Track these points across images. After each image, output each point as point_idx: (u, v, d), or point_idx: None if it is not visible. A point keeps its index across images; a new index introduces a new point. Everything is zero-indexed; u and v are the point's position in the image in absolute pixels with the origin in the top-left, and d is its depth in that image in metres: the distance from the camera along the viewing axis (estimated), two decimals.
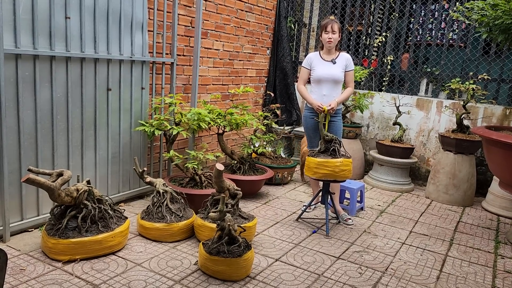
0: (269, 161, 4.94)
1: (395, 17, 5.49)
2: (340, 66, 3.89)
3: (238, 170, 4.39)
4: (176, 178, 4.01)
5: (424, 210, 4.47)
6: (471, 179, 4.74)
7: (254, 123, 4.37)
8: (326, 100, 3.85)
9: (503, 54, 4.94)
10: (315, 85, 3.94)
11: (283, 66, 5.94)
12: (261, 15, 5.55)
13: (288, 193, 4.67)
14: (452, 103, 5.13)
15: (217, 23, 4.81)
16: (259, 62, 5.74)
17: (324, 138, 3.59)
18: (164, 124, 3.68)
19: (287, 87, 6.04)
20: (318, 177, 3.53)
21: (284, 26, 5.86)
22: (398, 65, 5.64)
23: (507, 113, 4.86)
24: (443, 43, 5.29)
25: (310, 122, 3.98)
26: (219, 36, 4.88)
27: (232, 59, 5.18)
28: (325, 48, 3.92)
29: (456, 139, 4.64)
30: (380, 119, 5.64)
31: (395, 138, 5.19)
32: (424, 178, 5.45)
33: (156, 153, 4.28)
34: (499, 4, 3.28)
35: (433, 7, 5.42)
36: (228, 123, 4.17)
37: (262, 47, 5.74)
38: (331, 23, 3.80)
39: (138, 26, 3.75)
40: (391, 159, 5.05)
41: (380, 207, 4.43)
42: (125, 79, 3.72)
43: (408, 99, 5.36)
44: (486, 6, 3.57)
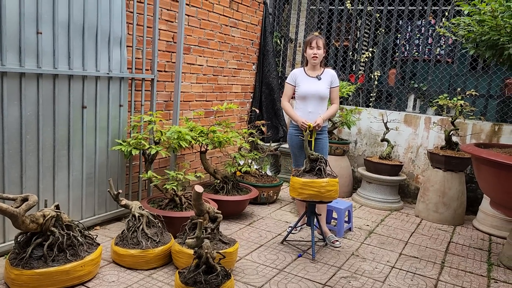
0: (254, 180, 4.79)
1: (381, 33, 5.43)
2: (325, 82, 3.78)
3: (221, 189, 4.22)
4: (155, 199, 3.82)
5: (414, 230, 4.33)
6: (461, 197, 4.63)
7: (238, 140, 4.22)
8: (311, 117, 3.73)
9: (490, 70, 4.89)
10: (300, 102, 3.82)
11: (269, 82, 5.83)
12: (246, 30, 5.45)
13: (273, 213, 4.50)
14: (440, 119, 5.04)
15: (201, 38, 4.69)
16: (245, 77, 5.63)
17: (309, 157, 3.45)
18: (142, 143, 3.51)
19: (273, 102, 5.92)
20: (303, 198, 3.37)
21: (270, 41, 5.77)
22: (385, 80, 5.56)
23: (496, 130, 4.78)
24: (430, 59, 5.23)
25: (295, 140, 3.84)
26: (203, 51, 4.75)
27: (217, 75, 5.06)
28: (310, 64, 3.81)
29: (445, 156, 4.54)
30: (368, 135, 5.54)
31: (384, 155, 5.08)
32: (413, 196, 5.33)
33: (136, 173, 4.10)
34: (486, 20, 3.21)
35: (420, 22, 5.38)
36: (210, 141, 4.02)
37: (248, 62, 5.63)
38: (315, 38, 3.70)
39: (116, 41, 3.60)
40: (379, 177, 4.92)
41: (369, 227, 4.29)
42: (101, 96, 3.56)
43: (396, 115, 5.27)
44: (472, 22, 3.50)
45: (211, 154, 5.15)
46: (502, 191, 3.36)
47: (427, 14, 5.16)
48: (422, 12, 5.23)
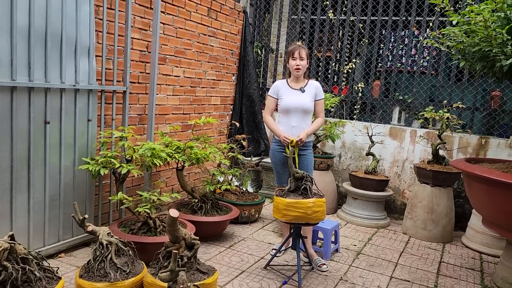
0: (235, 198, 4.52)
1: (364, 43, 5.28)
2: (310, 95, 3.57)
3: (199, 209, 3.94)
4: (128, 221, 3.51)
5: (403, 249, 4.13)
6: (450, 213, 4.47)
7: (217, 156, 3.96)
8: (295, 132, 3.51)
9: (475, 82, 4.78)
10: (283, 116, 3.60)
11: (249, 93, 5.60)
12: (225, 39, 5.22)
13: (255, 233, 4.24)
14: (426, 133, 4.90)
15: (177, 48, 4.43)
16: (224, 89, 5.38)
17: (294, 175, 3.21)
18: (112, 161, 3.21)
19: (254, 115, 5.69)
20: (288, 220, 3.12)
21: (250, 51, 5.55)
22: (369, 92, 5.40)
23: (483, 143, 4.65)
24: (414, 70, 5.11)
25: (278, 156, 3.61)
26: (179, 61, 4.49)
27: (194, 86, 4.79)
28: (292, 75, 3.60)
29: (433, 171, 4.37)
30: (352, 148, 5.35)
31: (369, 169, 4.89)
32: (399, 211, 5.15)
33: (106, 192, 3.78)
34: (477, 30, 3.06)
35: (403, 33, 5.25)
36: (187, 158, 3.74)
37: (227, 73, 5.39)
38: (298, 49, 3.49)
39: (84, 50, 3.31)
40: (365, 193, 4.72)
41: (356, 247, 4.06)
42: (67, 110, 3.25)
43: (381, 128, 5.10)
44: (460, 33, 3.35)
45: (189, 170, 4.87)
46: (496, 210, 3.18)
47: (411, 24, 5.04)
48: (406, 22, 5.11)
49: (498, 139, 4.60)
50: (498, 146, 4.58)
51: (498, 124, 4.74)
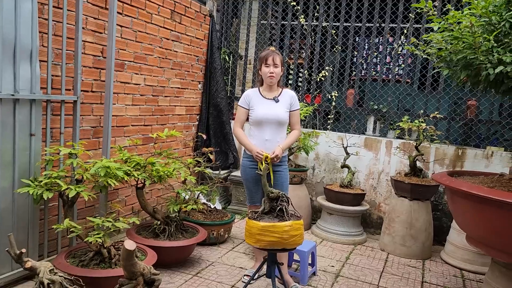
0: (202, 217, 4.13)
1: (338, 51, 5.05)
2: (284, 105, 3.26)
3: (162, 232, 3.53)
4: (79, 250, 3.06)
5: (382, 268, 3.88)
6: (429, 228, 4.26)
7: (182, 173, 3.57)
8: (269, 146, 3.18)
9: (451, 91, 4.63)
10: (255, 128, 3.27)
11: (217, 102, 5.25)
12: (190, 45, 4.86)
13: (225, 256, 3.87)
14: (402, 143, 4.70)
15: (137, 53, 4.03)
16: (189, 98, 5.00)
17: (268, 195, 2.88)
18: (57, 183, 2.77)
19: (222, 125, 5.33)
20: (263, 246, 2.78)
21: (217, 58, 5.21)
22: (343, 101, 5.17)
23: (460, 154, 4.50)
24: (389, 79, 4.92)
25: (250, 173, 3.27)
26: (140, 68, 4.09)
27: (157, 95, 4.39)
28: (265, 83, 3.29)
29: (411, 184, 4.16)
30: (326, 160, 5.09)
31: (345, 182, 4.63)
32: (375, 226, 4.92)
33: (54, 216, 3.32)
34: (462, 37, 2.84)
35: (377, 40, 5.06)
36: (148, 176, 3.34)
37: (193, 81, 5.02)
38: (272, 54, 3.19)
39: (25, 54, 2.86)
40: (341, 208, 4.45)
41: (334, 268, 3.77)
42: (4, 124, 2.79)
43: (355, 138, 4.86)
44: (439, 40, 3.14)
45: (152, 186, 4.45)
46: (483, 228, 2.96)
47: (385, 31, 4.85)
48: (380, 29, 4.92)
49: (475, 149, 4.45)
50: (475, 157, 4.43)
51: (475, 134, 4.60)
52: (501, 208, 2.75)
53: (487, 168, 4.37)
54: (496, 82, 2.98)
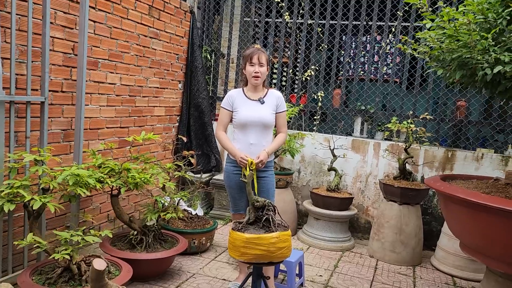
0: (182, 225, 3.90)
1: (324, 49, 4.87)
2: (270, 107, 3.06)
3: (139, 243, 3.28)
4: (46, 266, 2.79)
5: (372, 276, 3.71)
6: (419, 234, 4.12)
7: (160, 178, 3.34)
8: (254, 150, 2.98)
9: (441, 91, 4.50)
10: (239, 131, 3.06)
11: (198, 103, 5.01)
12: (170, 42, 4.60)
13: (207, 266, 3.64)
14: (390, 145, 4.55)
15: (112, 50, 3.76)
16: (169, 98, 4.75)
17: (253, 204, 2.67)
18: (20, 193, 2.50)
19: (203, 127, 5.10)
20: (248, 259, 2.56)
21: (198, 56, 4.97)
22: (329, 102, 5.00)
23: (449, 156, 4.37)
24: (377, 78, 4.76)
25: (233, 180, 3.06)
26: (115, 66, 3.83)
27: (134, 95, 4.13)
28: (250, 84, 3.08)
29: (401, 188, 4.01)
30: (312, 163, 4.91)
31: (332, 186, 4.46)
32: (363, 230, 4.76)
33: (20, 227, 3.04)
34: (458, 35, 2.69)
35: (364, 38, 4.90)
36: (123, 183, 3.10)
37: (173, 80, 4.77)
38: (257, 53, 2.98)
39: None
40: (329, 213, 4.28)
41: (323, 278, 3.59)
42: None
43: (343, 140, 4.69)
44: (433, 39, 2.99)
45: (129, 191, 4.18)
46: (482, 237, 2.82)
47: (373, 29, 4.69)
48: (367, 27, 4.76)
49: (465, 151, 4.33)
50: (465, 160, 4.31)
51: (465, 136, 4.48)
52: (499, 216, 2.61)
53: (478, 171, 4.25)
54: (492, 82, 2.85)
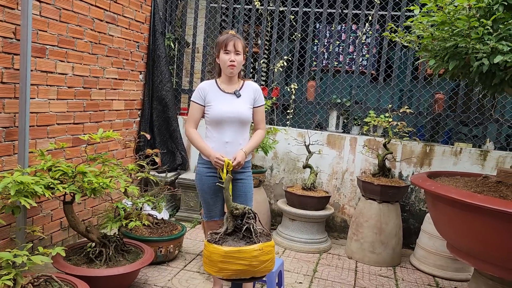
0: (147, 231, 3.51)
1: (297, 38, 4.58)
2: (247, 100, 2.73)
3: (98, 257, 2.87)
4: None
5: (354, 281, 3.49)
6: (399, 233, 3.95)
7: (122, 182, 2.93)
8: (230, 150, 2.65)
9: (419, 84, 4.33)
10: (213, 129, 2.71)
11: (161, 96, 4.59)
12: (129, 28, 4.16)
13: (176, 277, 3.28)
14: (368, 140, 4.34)
15: (62, 36, 3.29)
16: (129, 90, 4.31)
17: (232, 212, 2.34)
18: None
19: (167, 122, 4.69)
20: (227, 276, 2.24)
21: (161, 45, 4.54)
22: (303, 94, 4.72)
23: (427, 151, 4.22)
24: (353, 70, 4.53)
25: (207, 183, 2.72)
26: (66, 54, 3.36)
27: (89, 87, 3.68)
28: (224, 74, 2.73)
29: (381, 186, 3.81)
30: (286, 159, 4.62)
31: (308, 184, 4.20)
32: (339, 229, 4.55)
33: None
34: (455, 22, 2.46)
35: (340, 27, 4.65)
36: (78, 188, 2.67)
37: (133, 70, 4.33)
38: (233, 39, 2.64)
39: None
40: (306, 213, 4.02)
41: (303, 285, 3.32)
42: None
43: (318, 135, 4.44)
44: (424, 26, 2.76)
45: (86, 196, 3.73)
46: (474, 240, 2.63)
47: (348, 18, 4.44)
48: (342, 15, 4.50)
49: (443, 146, 4.19)
50: (443, 154, 4.17)
51: (443, 130, 4.35)
52: (496, 218, 2.42)
53: (456, 166, 4.13)
54: (486, 74, 2.65)
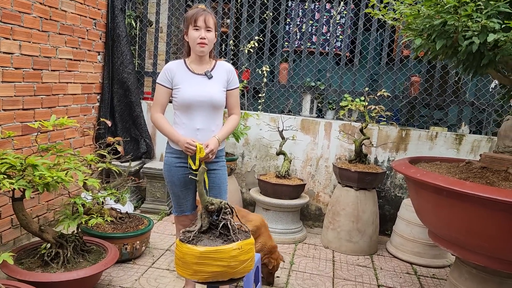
0: (110, 227, 3.21)
1: (268, 17, 4.32)
2: (220, 82, 2.47)
3: (54, 259, 2.56)
4: None
5: (332, 272, 3.35)
6: (376, 220, 3.84)
7: (80, 174, 2.61)
8: (201, 138, 2.40)
9: (395, 66, 4.19)
10: (182, 114, 2.43)
11: (123, 78, 4.23)
12: (84, 3, 3.76)
13: (143, 276, 3.01)
14: (343, 125, 4.19)
15: (6, 9, 2.88)
16: (86, 72, 3.93)
17: (206, 207, 2.09)
18: None
19: (130, 107, 4.34)
20: (203, 279, 2.00)
21: (121, 22, 4.16)
22: (276, 77, 4.48)
23: (403, 135, 4.11)
24: (327, 52, 4.33)
25: (176, 174, 2.45)
26: (12, 31, 2.96)
27: (40, 69, 3.29)
28: (193, 54, 2.45)
29: (359, 173, 3.67)
30: (257, 146, 4.40)
31: (282, 172, 4.00)
32: (314, 218, 4.40)
33: None
34: None
35: (313, 6, 4.42)
36: (28, 183, 2.34)
37: (90, 50, 3.94)
38: (203, 14, 2.36)
39: None
40: (280, 202, 3.83)
41: (280, 279, 3.14)
42: None
43: (291, 121, 4.23)
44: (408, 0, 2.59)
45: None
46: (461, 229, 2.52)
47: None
48: None
49: (419, 130, 4.10)
50: (419, 139, 4.08)
51: (419, 114, 4.24)
52: (484, 206, 2.31)
53: (432, 150, 4.05)
54: (474, 54, 2.51)
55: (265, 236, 3.03)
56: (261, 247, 2.97)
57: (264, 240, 3.00)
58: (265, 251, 2.96)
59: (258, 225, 3.00)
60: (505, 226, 2.26)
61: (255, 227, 2.97)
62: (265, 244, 2.98)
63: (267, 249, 2.97)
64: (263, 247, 2.97)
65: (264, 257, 2.96)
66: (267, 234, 3.06)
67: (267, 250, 2.97)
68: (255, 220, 3.04)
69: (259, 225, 3.02)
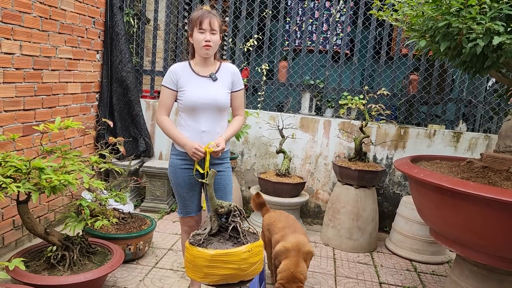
0: (114, 228, 3.21)
1: (268, 15, 4.31)
2: (225, 84, 2.47)
3: (60, 261, 2.56)
4: None
5: (334, 270, 3.39)
6: (376, 218, 3.88)
7: (85, 177, 2.61)
8: (206, 140, 2.40)
9: (393, 64, 4.22)
10: (187, 116, 2.44)
11: (122, 77, 4.21)
12: (83, 2, 3.72)
13: (148, 277, 3.03)
14: (342, 123, 4.21)
15: (6, 9, 2.85)
16: (86, 71, 3.90)
17: (216, 210, 2.11)
18: None
19: (129, 106, 4.33)
20: (214, 281, 2.02)
21: (119, 21, 4.13)
22: (275, 75, 4.49)
23: (402, 133, 4.15)
24: (326, 50, 4.34)
25: (182, 176, 2.46)
26: (12, 31, 2.92)
27: (40, 69, 3.26)
28: (198, 56, 2.45)
29: (359, 171, 3.70)
30: (257, 144, 4.41)
31: (282, 170, 4.02)
32: (313, 215, 4.44)
33: None
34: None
35: (313, 4, 4.42)
36: (33, 187, 2.33)
37: (89, 49, 3.91)
38: (208, 16, 2.35)
39: None
40: (281, 200, 3.85)
41: None
42: None
43: (291, 119, 4.25)
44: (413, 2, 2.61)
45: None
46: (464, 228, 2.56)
47: None
48: None
49: (417, 128, 4.14)
50: (418, 136, 4.12)
51: (417, 112, 4.28)
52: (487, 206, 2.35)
53: (430, 148, 4.10)
54: (478, 56, 2.54)
55: (292, 261, 2.54)
56: (281, 270, 2.54)
57: (288, 266, 2.53)
58: (284, 277, 2.50)
59: (289, 248, 2.58)
60: (507, 225, 2.31)
61: (284, 247, 2.59)
62: (287, 269, 2.51)
63: (286, 276, 2.51)
64: (283, 271, 2.53)
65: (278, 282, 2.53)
66: (295, 260, 2.54)
67: (286, 277, 2.50)
68: (289, 242, 2.61)
69: (289, 247, 2.58)
